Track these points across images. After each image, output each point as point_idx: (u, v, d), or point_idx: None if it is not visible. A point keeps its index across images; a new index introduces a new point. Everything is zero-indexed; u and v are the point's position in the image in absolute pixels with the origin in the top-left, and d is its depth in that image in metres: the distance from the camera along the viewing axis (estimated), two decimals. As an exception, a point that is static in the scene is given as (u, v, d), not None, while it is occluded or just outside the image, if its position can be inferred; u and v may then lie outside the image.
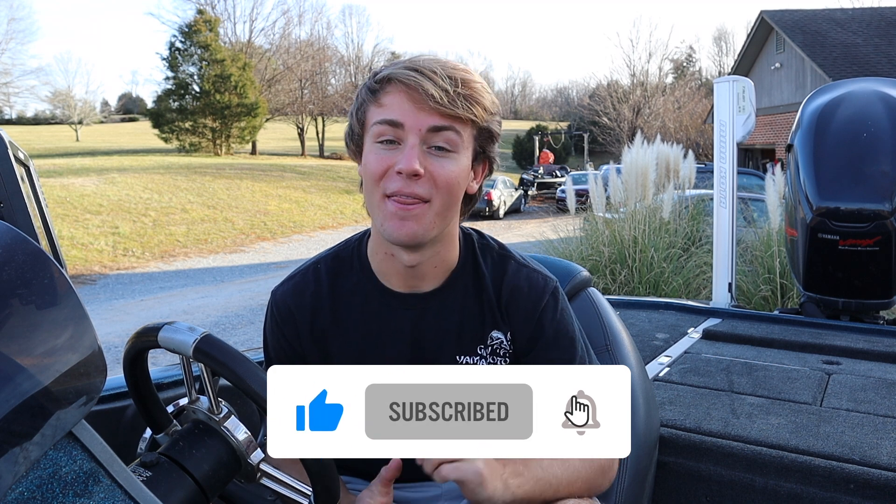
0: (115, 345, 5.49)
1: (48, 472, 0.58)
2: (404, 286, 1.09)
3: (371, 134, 1.00)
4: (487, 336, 1.10)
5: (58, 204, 12.64)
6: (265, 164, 24.96)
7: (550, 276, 1.14)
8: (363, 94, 1.02)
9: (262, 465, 0.91)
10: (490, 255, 1.14)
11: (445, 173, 0.98)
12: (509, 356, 1.11)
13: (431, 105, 0.95)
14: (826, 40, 18.38)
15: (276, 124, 38.04)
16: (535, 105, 73.27)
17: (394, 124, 0.97)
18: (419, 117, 0.96)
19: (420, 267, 1.06)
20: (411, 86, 0.96)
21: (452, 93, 0.96)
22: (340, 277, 1.13)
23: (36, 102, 55.88)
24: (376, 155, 0.99)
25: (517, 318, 1.10)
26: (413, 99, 0.96)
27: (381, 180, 0.98)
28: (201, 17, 29.77)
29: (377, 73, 1.01)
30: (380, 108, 0.99)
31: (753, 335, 2.48)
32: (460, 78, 0.98)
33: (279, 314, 1.12)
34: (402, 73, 0.97)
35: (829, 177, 2.80)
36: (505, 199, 19.79)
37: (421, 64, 0.98)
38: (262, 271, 10.57)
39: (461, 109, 0.97)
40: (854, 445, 1.54)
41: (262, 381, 0.81)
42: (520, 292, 1.10)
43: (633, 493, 1.29)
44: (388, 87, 0.99)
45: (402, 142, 0.97)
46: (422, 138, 0.97)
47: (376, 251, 1.10)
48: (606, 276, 5.36)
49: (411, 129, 0.97)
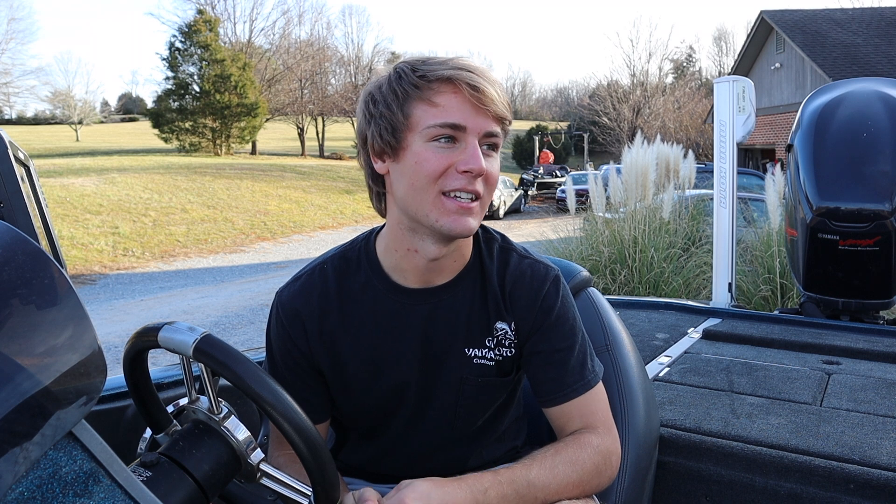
0: (115, 345, 5.49)
1: (48, 472, 0.58)
2: (419, 282, 1.10)
3: (423, 133, 0.98)
4: (493, 327, 1.11)
5: (58, 204, 12.64)
6: (265, 164, 24.97)
7: (552, 265, 1.16)
8: (406, 88, 0.99)
9: (262, 465, 0.91)
10: (493, 248, 1.15)
11: (494, 171, 1.02)
12: (514, 346, 1.12)
13: (491, 109, 0.98)
14: (826, 40, 18.38)
15: (276, 124, 38.07)
16: (535, 105, 73.29)
17: (456, 128, 0.97)
18: (479, 121, 0.98)
19: (442, 260, 1.07)
20: (475, 87, 0.97)
21: (501, 98, 0.99)
22: (348, 277, 1.12)
23: (36, 102, 55.96)
24: (435, 153, 0.98)
25: (520, 307, 1.11)
26: (474, 101, 0.97)
27: (440, 178, 0.98)
28: (201, 17, 29.77)
29: (418, 70, 0.99)
30: (434, 107, 0.98)
31: (753, 335, 2.48)
32: (498, 83, 1.01)
33: (285, 316, 1.11)
34: (463, 74, 0.97)
35: (829, 177, 2.80)
36: (505, 199, 19.79)
37: (472, 66, 0.99)
38: (262, 271, 10.57)
39: (508, 114, 1.01)
40: (854, 445, 1.54)
41: (262, 381, 0.81)
42: (522, 281, 1.12)
43: (633, 493, 1.29)
44: (442, 86, 0.98)
45: (461, 141, 0.98)
46: (480, 139, 0.99)
47: (394, 248, 1.09)
48: (606, 276, 5.36)
49: (472, 132, 0.98)
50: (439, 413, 1.14)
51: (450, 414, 1.14)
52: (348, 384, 1.12)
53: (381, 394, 1.12)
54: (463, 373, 1.11)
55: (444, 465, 1.18)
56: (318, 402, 1.13)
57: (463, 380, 1.11)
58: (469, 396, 1.12)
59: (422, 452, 1.17)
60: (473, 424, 1.16)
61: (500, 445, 1.22)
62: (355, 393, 1.13)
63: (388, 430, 1.16)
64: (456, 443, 1.17)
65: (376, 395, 1.12)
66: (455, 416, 1.14)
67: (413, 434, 1.16)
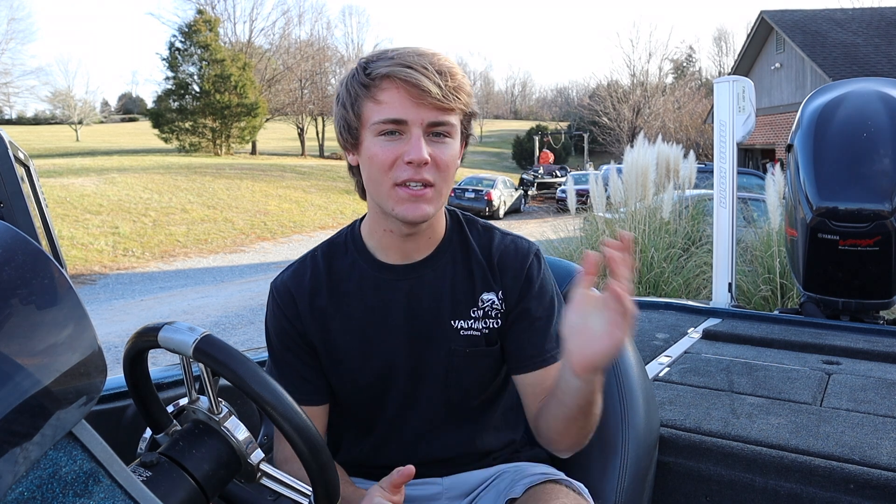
0: (115, 345, 5.49)
1: (48, 472, 0.58)
2: (400, 257, 1.17)
3: (371, 129, 1.05)
4: (478, 299, 1.17)
5: (58, 204, 12.64)
6: (265, 164, 24.97)
7: (532, 241, 1.24)
8: (356, 88, 1.06)
9: (262, 465, 0.91)
10: (476, 228, 1.23)
11: (445, 157, 1.06)
12: (501, 316, 1.18)
13: (429, 101, 1.03)
14: (826, 40, 18.38)
15: (276, 124, 38.06)
16: (535, 105, 73.34)
17: (397, 122, 1.03)
18: (419, 112, 1.03)
19: (415, 236, 1.14)
20: (410, 82, 1.02)
21: (445, 87, 1.03)
22: (336, 259, 1.20)
23: (36, 102, 55.97)
24: (382, 147, 1.05)
25: (508, 276, 1.18)
26: (412, 95, 1.02)
27: (391, 170, 1.05)
28: (201, 17, 29.79)
29: (368, 68, 1.06)
30: (378, 105, 1.04)
31: (753, 335, 2.48)
32: (447, 70, 1.04)
33: (280, 297, 1.19)
34: (399, 70, 1.02)
35: (828, 177, 2.80)
36: (505, 199, 19.79)
37: (411, 60, 1.03)
38: (262, 271, 10.57)
39: (454, 102, 1.05)
40: (854, 445, 1.54)
41: (263, 381, 0.81)
42: (508, 253, 1.20)
43: (633, 493, 1.29)
44: (383, 83, 1.04)
45: (405, 133, 1.04)
46: (423, 129, 1.04)
47: (374, 230, 1.17)
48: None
49: (414, 124, 1.04)
50: (431, 390, 1.17)
51: (442, 389, 1.17)
52: (340, 361, 1.17)
53: (373, 371, 1.17)
54: (451, 344, 1.16)
55: (440, 453, 1.19)
56: (319, 381, 1.18)
57: (451, 351, 1.16)
58: (459, 368, 1.16)
59: (417, 438, 1.19)
60: (467, 403, 1.19)
61: (497, 436, 1.24)
62: (347, 371, 1.17)
63: (382, 413, 1.19)
64: (450, 427, 1.19)
65: (368, 373, 1.17)
66: (447, 389, 1.17)
67: (408, 416, 1.18)
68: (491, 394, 1.22)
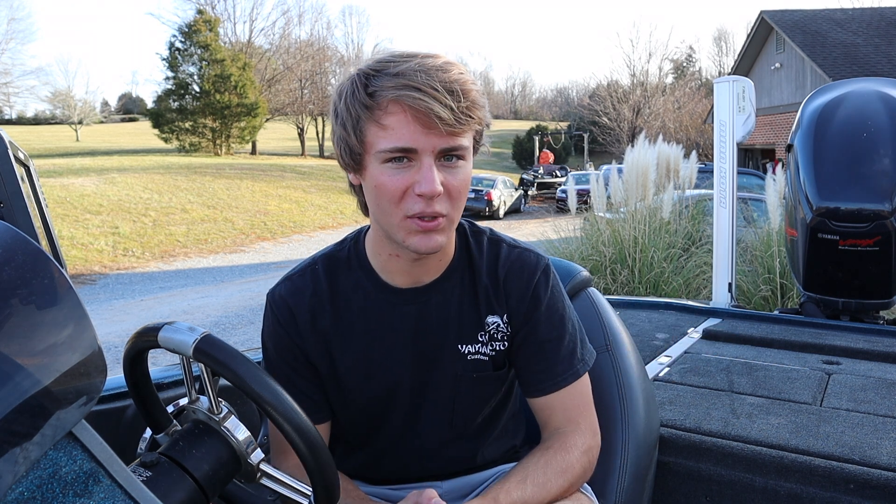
0: (115, 345, 5.49)
1: (48, 472, 0.58)
2: (407, 281, 1.10)
3: (377, 156, 0.96)
4: (484, 322, 1.11)
5: (58, 204, 12.64)
6: (265, 164, 24.96)
7: (542, 255, 1.16)
8: (357, 108, 0.95)
9: (262, 465, 0.91)
10: (482, 242, 1.15)
11: (459, 183, 0.98)
12: (507, 339, 1.13)
13: (441, 127, 0.92)
14: (826, 40, 18.38)
15: (276, 124, 38.06)
16: (535, 105, 73.34)
17: (407, 150, 0.94)
18: (430, 140, 0.94)
19: (424, 260, 1.07)
20: (420, 110, 0.92)
21: (457, 110, 0.92)
22: (339, 277, 1.12)
23: (36, 102, 55.96)
24: (390, 177, 0.95)
25: (513, 298, 1.12)
26: (421, 123, 0.93)
27: (401, 202, 0.96)
28: (201, 17, 29.78)
29: (369, 86, 0.94)
30: (383, 130, 0.94)
31: (753, 335, 2.48)
32: (458, 88, 0.93)
33: (279, 313, 1.11)
34: (406, 95, 0.91)
35: (828, 177, 2.80)
36: (505, 199, 19.79)
37: (419, 81, 0.91)
38: (262, 271, 10.57)
39: (467, 123, 0.95)
40: (854, 445, 1.53)
41: (262, 382, 0.81)
42: (513, 271, 1.12)
43: (632, 493, 1.29)
44: (390, 106, 0.93)
45: (415, 160, 0.95)
46: (434, 156, 0.95)
47: (379, 252, 1.09)
48: (607, 276, 5.36)
49: (424, 152, 0.94)
50: (435, 412, 1.13)
51: (447, 412, 1.13)
52: (341, 382, 1.12)
53: (374, 394, 1.12)
54: (457, 369, 1.11)
55: (442, 467, 1.17)
56: (320, 398, 1.13)
57: (458, 377, 1.11)
58: (465, 393, 1.12)
59: (419, 454, 1.16)
60: (472, 423, 1.16)
61: (499, 444, 1.22)
62: (348, 393, 1.12)
63: (383, 432, 1.15)
64: (453, 443, 1.16)
65: (369, 395, 1.12)
66: (452, 413, 1.13)
67: (410, 435, 1.15)
68: (495, 408, 1.19)
